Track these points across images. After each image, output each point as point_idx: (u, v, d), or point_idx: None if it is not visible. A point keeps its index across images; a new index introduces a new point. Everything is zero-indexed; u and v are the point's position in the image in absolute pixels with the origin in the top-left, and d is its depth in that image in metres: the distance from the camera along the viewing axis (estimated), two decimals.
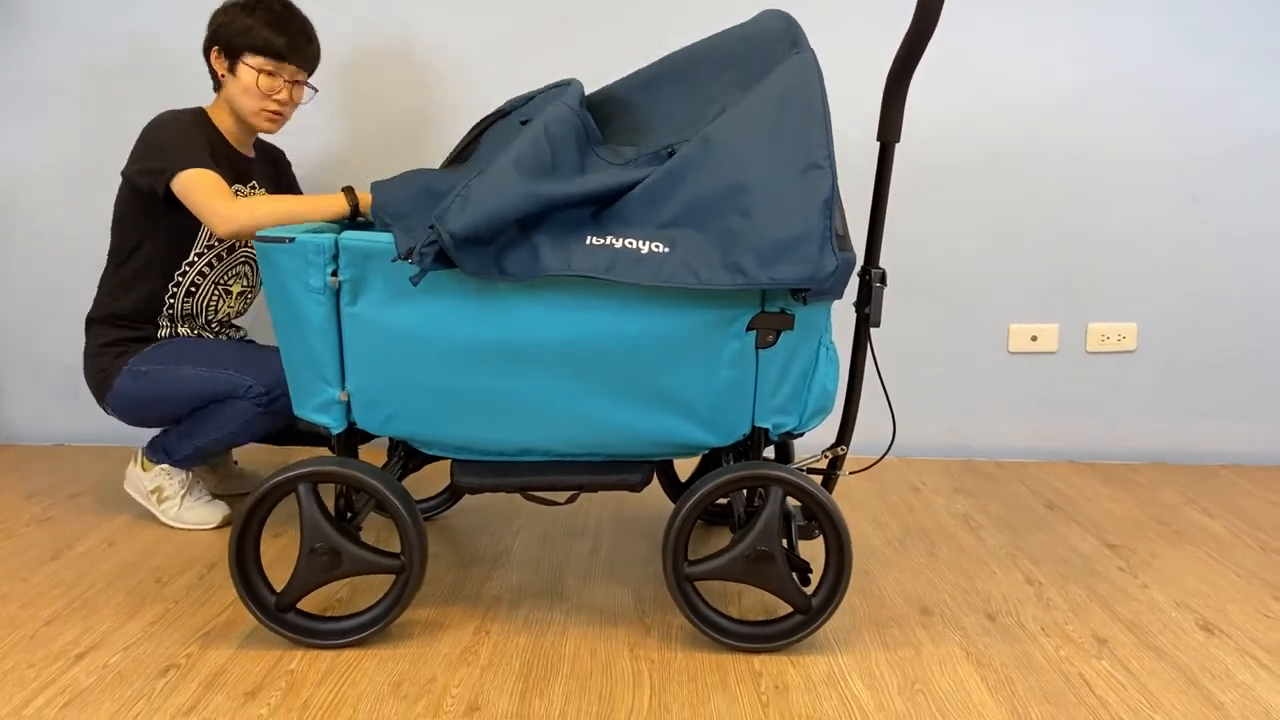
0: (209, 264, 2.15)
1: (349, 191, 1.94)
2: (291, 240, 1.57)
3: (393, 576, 1.71)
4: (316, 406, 1.66)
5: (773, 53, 1.62)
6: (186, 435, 2.12)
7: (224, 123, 2.14)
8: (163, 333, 2.14)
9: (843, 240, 1.68)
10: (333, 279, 1.56)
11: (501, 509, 2.33)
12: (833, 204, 1.48)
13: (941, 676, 1.59)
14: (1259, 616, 1.80)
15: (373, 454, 1.91)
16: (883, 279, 1.67)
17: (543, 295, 1.53)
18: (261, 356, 2.07)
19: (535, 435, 1.64)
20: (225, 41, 2.04)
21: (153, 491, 2.18)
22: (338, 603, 1.82)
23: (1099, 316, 2.70)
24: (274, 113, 2.10)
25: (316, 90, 2.20)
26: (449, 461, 2.15)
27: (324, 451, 2.41)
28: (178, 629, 1.73)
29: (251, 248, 2.19)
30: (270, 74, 2.05)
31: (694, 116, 1.66)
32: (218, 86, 2.12)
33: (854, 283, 1.70)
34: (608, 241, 1.50)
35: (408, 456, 1.88)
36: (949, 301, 2.70)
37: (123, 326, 2.12)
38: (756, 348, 1.58)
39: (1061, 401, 2.74)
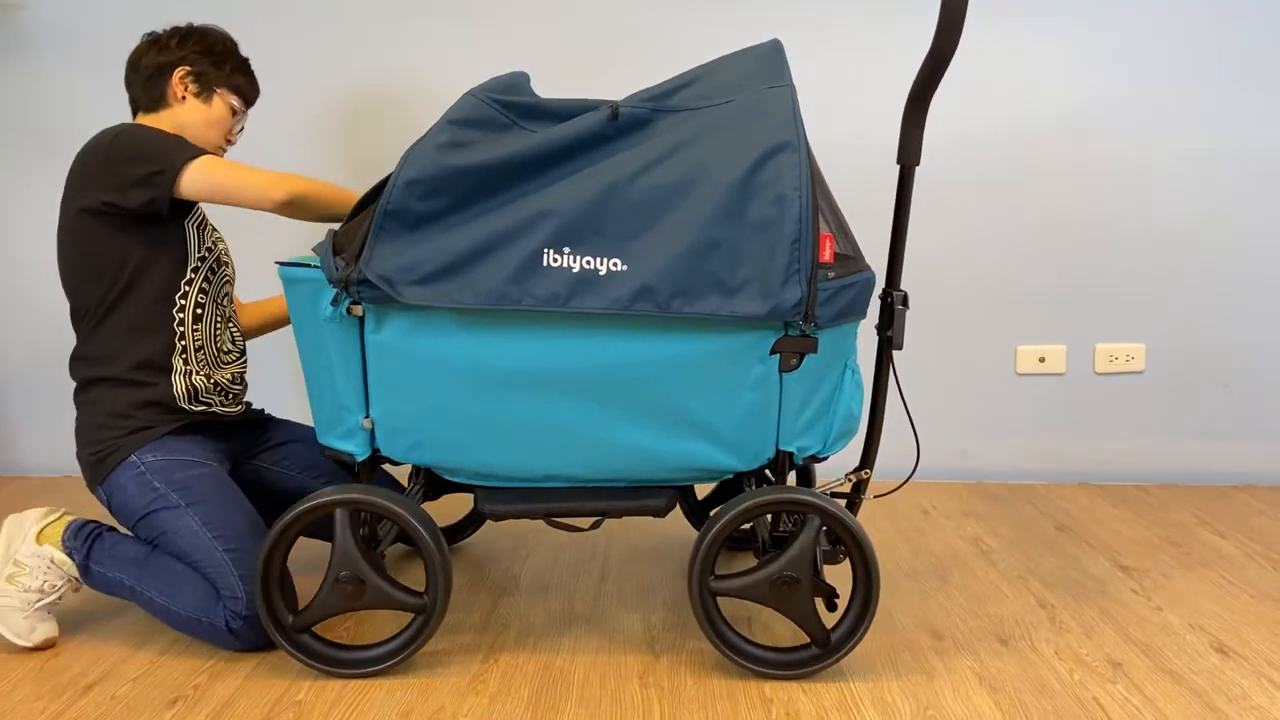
0: (205, 279, 1.89)
1: None
2: (316, 267, 1.58)
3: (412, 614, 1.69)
4: (340, 434, 1.67)
5: (753, 81, 1.64)
6: (131, 562, 1.75)
7: None
8: (179, 388, 1.82)
9: (849, 261, 1.69)
10: (355, 307, 1.57)
11: (509, 536, 2.32)
12: (803, 237, 1.49)
13: (954, 702, 1.57)
14: (1274, 638, 1.78)
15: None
16: (905, 301, 1.67)
17: (567, 322, 1.53)
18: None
19: (560, 461, 1.63)
20: (200, 69, 1.89)
21: (20, 565, 1.75)
22: (344, 632, 1.82)
23: (1107, 337, 2.69)
24: (224, 150, 1.98)
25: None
26: (459, 491, 2.17)
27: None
28: (186, 660, 1.72)
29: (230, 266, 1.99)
30: (236, 114, 1.96)
31: (653, 94, 1.66)
32: (158, 107, 1.90)
33: (875, 305, 1.70)
34: (564, 263, 1.50)
35: (428, 485, 1.87)
36: (955, 323, 2.69)
37: (130, 385, 1.79)
38: (780, 371, 1.58)
39: (1071, 423, 2.73)
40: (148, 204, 1.74)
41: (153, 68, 1.89)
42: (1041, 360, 2.71)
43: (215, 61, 1.92)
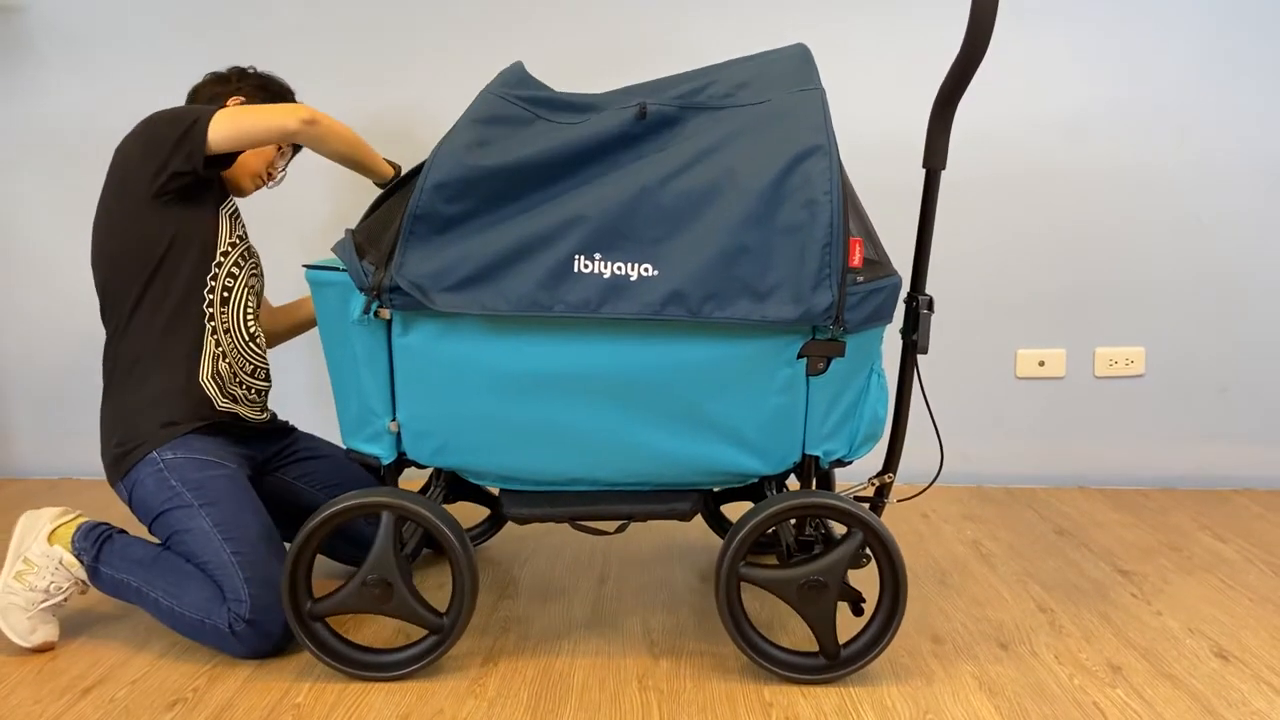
0: (236, 263, 1.92)
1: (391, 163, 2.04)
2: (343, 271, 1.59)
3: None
4: (367, 437, 1.66)
5: (783, 84, 1.63)
6: (138, 563, 1.75)
7: None
8: (205, 372, 1.84)
9: (876, 266, 1.68)
10: (383, 310, 1.56)
11: (509, 538, 2.32)
12: (834, 241, 1.49)
13: (954, 706, 1.57)
14: (1274, 643, 1.78)
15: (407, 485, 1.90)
16: (930, 305, 1.67)
17: (595, 326, 1.53)
18: (277, 551, 1.74)
19: (585, 465, 1.63)
20: (253, 100, 2.00)
21: (29, 564, 1.75)
22: (344, 632, 1.82)
23: (1106, 341, 2.69)
24: (263, 183, 2.04)
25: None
26: (476, 500, 2.17)
27: None
28: (185, 663, 1.72)
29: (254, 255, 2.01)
30: (280, 150, 2.04)
31: (680, 91, 1.65)
32: None
33: (900, 309, 1.69)
34: (595, 269, 1.50)
35: (448, 489, 1.87)
36: (956, 326, 2.69)
37: (159, 371, 1.82)
38: (807, 375, 1.57)
39: (1070, 427, 2.73)
40: (186, 160, 1.76)
41: (209, 96, 2.01)
42: (1041, 364, 2.71)
43: (268, 98, 2.03)
